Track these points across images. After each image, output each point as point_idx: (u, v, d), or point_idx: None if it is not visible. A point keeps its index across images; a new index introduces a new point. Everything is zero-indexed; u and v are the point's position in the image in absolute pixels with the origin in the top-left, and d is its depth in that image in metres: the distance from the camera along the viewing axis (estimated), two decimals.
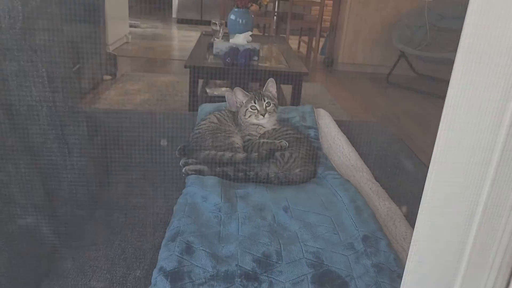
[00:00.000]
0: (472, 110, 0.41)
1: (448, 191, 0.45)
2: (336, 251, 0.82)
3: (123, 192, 1.07)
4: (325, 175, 1.13)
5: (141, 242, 0.89)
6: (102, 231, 0.92)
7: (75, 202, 0.91)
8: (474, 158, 0.42)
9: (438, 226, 0.46)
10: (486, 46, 0.38)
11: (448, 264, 0.47)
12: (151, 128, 1.48)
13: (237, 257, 0.79)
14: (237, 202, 0.97)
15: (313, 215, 0.93)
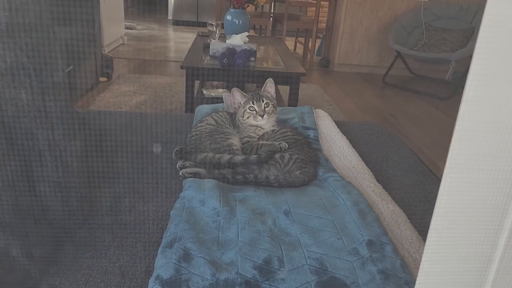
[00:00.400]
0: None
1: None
2: (340, 257, 0.79)
3: (118, 196, 1.04)
4: (326, 177, 1.10)
5: (136, 248, 0.86)
6: (95, 238, 0.89)
7: (67, 207, 0.88)
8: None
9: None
10: None
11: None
12: (147, 130, 1.44)
13: (237, 264, 0.76)
14: (236, 206, 0.94)
15: (315, 219, 0.90)
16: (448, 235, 0.41)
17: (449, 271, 0.42)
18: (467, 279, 0.42)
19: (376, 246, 0.80)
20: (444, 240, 0.42)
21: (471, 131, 0.37)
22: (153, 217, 0.96)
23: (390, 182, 1.19)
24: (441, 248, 0.42)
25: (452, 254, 0.42)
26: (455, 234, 0.41)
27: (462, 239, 0.41)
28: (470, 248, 0.41)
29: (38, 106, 0.75)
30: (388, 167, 1.29)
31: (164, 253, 0.78)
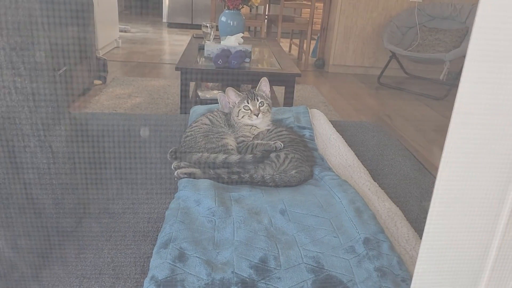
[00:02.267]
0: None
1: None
2: (336, 255, 0.78)
3: (112, 197, 1.03)
4: (322, 176, 1.09)
5: (131, 249, 0.85)
6: (90, 239, 0.88)
7: (60, 208, 0.87)
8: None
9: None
10: None
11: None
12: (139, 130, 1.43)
13: (233, 264, 0.75)
14: (232, 205, 0.93)
15: (311, 218, 0.89)
16: (445, 224, 0.40)
17: (446, 260, 0.42)
18: (464, 268, 0.42)
19: (372, 244, 0.80)
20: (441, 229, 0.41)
21: (468, 114, 0.36)
22: (148, 217, 0.95)
23: (386, 181, 1.18)
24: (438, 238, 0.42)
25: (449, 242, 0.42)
26: (452, 223, 0.40)
27: (459, 227, 0.41)
28: (468, 237, 0.41)
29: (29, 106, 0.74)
30: (383, 165, 1.28)
31: (159, 254, 0.77)
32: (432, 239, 0.42)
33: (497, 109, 0.36)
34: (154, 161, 1.23)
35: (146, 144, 1.34)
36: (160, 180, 1.12)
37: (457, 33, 4.23)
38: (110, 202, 1.01)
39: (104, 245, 0.86)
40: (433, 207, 0.40)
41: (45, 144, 0.77)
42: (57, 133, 0.79)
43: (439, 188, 0.41)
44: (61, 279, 0.77)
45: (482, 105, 0.36)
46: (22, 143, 0.73)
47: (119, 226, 0.92)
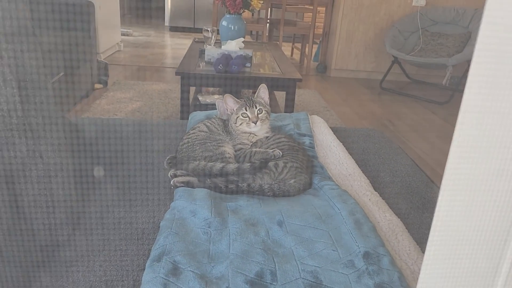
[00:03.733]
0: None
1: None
2: (335, 270, 0.76)
3: (106, 207, 1.01)
4: (321, 185, 1.07)
5: (124, 262, 0.82)
6: (81, 251, 0.85)
7: (52, 219, 0.84)
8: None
9: None
10: None
11: None
12: (139, 138, 1.41)
13: (227, 279, 0.73)
14: (228, 216, 0.91)
15: (310, 230, 0.87)
16: (450, 237, 0.38)
17: (452, 275, 0.39)
18: (474, 283, 0.39)
19: (372, 258, 0.77)
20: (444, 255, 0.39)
21: (470, 146, 0.34)
22: (142, 228, 0.93)
23: (387, 190, 1.16)
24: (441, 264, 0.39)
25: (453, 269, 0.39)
26: (458, 235, 0.38)
27: (466, 239, 0.38)
28: (476, 250, 0.38)
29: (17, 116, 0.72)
30: (385, 174, 1.26)
31: (152, 267, 0.75)
32: (436, 253, 0.40)
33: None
34: (150, 168, 1.20)
35: (142, 152, 1.32)
36: (156, 189, 1.10)
37: (460, 38, 4.20)
38: (104, 212, 0.98)
39: (97, 257, 0.83)
40: (437, 217, 0.38)
41: (36, 154, 0.75)
42: (49, 142, 0.77)
43: (443, 200, 0.38)
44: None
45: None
46: (11, 152, 0.71)
47: (113, 236, 0.90)
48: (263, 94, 1.22)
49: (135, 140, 1.39)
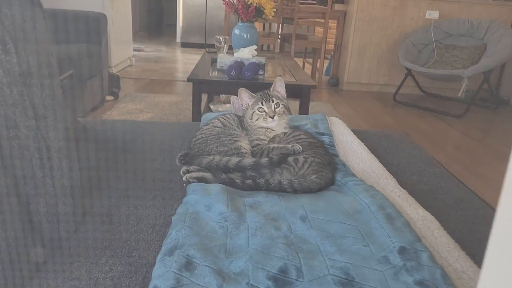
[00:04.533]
0: None
1: None
2: (368, 266, 0.67)
3: (114, 202, 0.94)
4: (345, 181, 0.99)
5: (132, 258, 0.75)
6: (86, 246, 0.78)
7: (55, 211, 0.78)
8: None
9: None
10: None
11: None
12: (149, 138, 1.35)
13: (247, 274, 0.65)
14: (246, 211, 0.83)
15: (336, 225, 0.78)
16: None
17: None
18: None
19: (410, 254, 0.69)
20: None
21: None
22: (153, 224, 0.86)
23: (415, 189, 1.07)
24: None
25: None
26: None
27: None
28: None
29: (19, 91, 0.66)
30: (411, 174, 1.18)
31: (163, 261, 0.67)
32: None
33: None
34: (161, 166, 1.14)
35: (153, 150, 1.26)
36: (167, 186, 1.03)
37: (475, 50, 4.13)
38: (112, 207, 0.92)
39: (102, 253, 0.76)
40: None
41: (38, 136, 0.69)
42: (52, 125, 0.71)
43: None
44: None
45: None
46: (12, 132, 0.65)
47: (120, 232, 0.82)
48: (280, 87, 1.16)
49: (145, 138, 1.33)
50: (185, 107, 3.56)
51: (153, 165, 1.14)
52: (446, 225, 0.88)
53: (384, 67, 4.71)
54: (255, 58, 2.50)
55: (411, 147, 1.38)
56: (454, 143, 3.29)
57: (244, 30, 2.71)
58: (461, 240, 0.83)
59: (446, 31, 4.41)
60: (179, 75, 4.95)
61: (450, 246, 0.76)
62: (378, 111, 4.04)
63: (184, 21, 7.12)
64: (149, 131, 1.40)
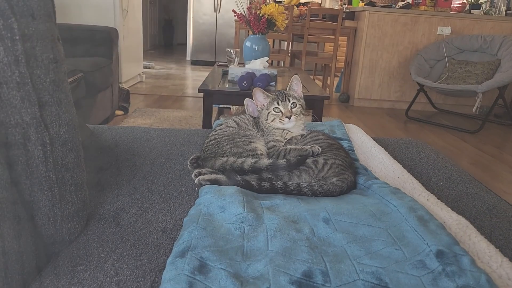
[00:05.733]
0: None
1: None
2: (402, 271, 0.60)
3: (121, 205, 0.88)
4: (369, 185, 0.92)
5: (140, 261, 0.69)
6: (91, 248, 0.72)
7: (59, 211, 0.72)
8: None
9: None
10: None
11: None
12: (159, 143, 1.30)
13: (268, 278, 0.58)
14: (264, 213, 0.77)
15: (363, 227, 0.72)
16: None
17: None
18: None
19: (448, 258, 0.61)
20: None
21: None
22: (163, 227, 0.80)
23: (443, 194, 1.00)
24: None
25: None
26: None
27: None
28: None
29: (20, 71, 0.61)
30: (437, 179, 1.10)
31: (174, 264, 0.61)
32: None
33: None
34: (171, 170, 1.08)
35: (163, 154, 1.20)
36: (178, 189, 0.97)
37: (489, 65, 4.07)
38: (119, 210, 0.86)
39: (108, 256, 0.70)
40: None
41: (41, 125, 0.64)
42: (56, 114, 0.66)
43: None
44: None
45: None
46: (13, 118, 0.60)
47: (128, 235, 0.76)
48: (296, 86, 1.10)
49: (155, 144, 1.28)
50: (195, 122, 3.52)
51: (163, 169, 1.09)
52: (482, 231, 0.81)
53: (396, 83, 4.66)
54: (266, 69, 2.46)
55: (434, 154, 1.31)
56: (470, 159, 3.20)
57: (255, 42, 2.69)
58: (500, 247, 0.76)
59: (459, 46, 4.37)
60: (188, 91, 4.95)
61: (492, 252, 0.68)
62: (391, 126, 3.97)
63: (194, 39, 7.19)
64: (159, 137, 1.35)
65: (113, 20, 4.09)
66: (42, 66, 0.61)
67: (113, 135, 1.34)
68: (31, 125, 0.62)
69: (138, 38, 4.90)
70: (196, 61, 7.23)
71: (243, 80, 2.24)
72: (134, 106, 3.97)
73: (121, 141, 1.29)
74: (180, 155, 1.20)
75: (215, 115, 2.89)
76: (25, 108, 0.60)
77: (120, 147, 1.23)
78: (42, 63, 0.61)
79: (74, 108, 0.71)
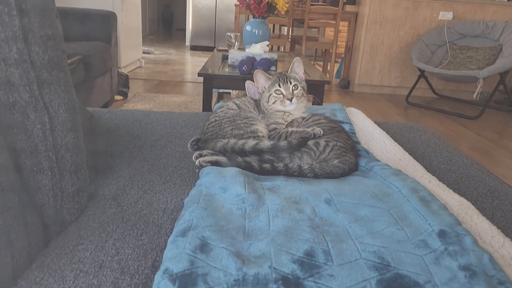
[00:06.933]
0: None
1: None
2: (404, 250, 0.60)
3: (122, 186, 0.87)
4: (370, 167, 0.92)
5: (141, 241, 0.68)
6: (92, 228, 0.72)
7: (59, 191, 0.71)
8: None
9: None
10: None
11: None
12: (160, 125, 1.29)
13: (270, 257, 0.58)
14: (265, 194, 0.77)
15: (365, 208, 0.71)
16: None
17: None
18: None
19: (451, 238, 0.61)
20: None
21: None
22: (163, 207, 0.79)
23: (445, 177, 1.00)
24: None
25: None
26: None
27: None
28: None
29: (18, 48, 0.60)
30: (438, 162, 1.10)
31: (175, 243, 0.60)
32: None
33: None
34: (171, 153, 1.08)
35: (163, 137, 1.19)
36: (178, 171, 0.96)
37: (491, 50, 4.04)
38: (119, 191, 0.85)
39: (109, 235, 0.69)
40: None
41: (40, 104, 0.63)
42: (55, 93, 0.65)
43: None
44: (51, 273, 0.61)
45: None
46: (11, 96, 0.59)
47: (128, 216, 0.76)
48: (298, 68, 1.09)
49: (155, 126, 1.27)
50: (194, 107, 3.51)
51: (163, 151, 1.08)
52: (483, 213, 0.80)
53: (396, 69, 4.63)
54: (267, 54, 2.44)
55: (435, 138, 1.31)
56: (469, 144, 3.20)
57: (256, 26, 2.66)
58: (502, 227, 0.76)
59: (460, 32, 4.33)
60: (188, 77, 4.91)
61: (494, 232, 0.68)
62: (391, 112, 3.95)
63: (194, 25, 7.12)
64: (159, 120, 1.34)
65: (112, 4, 4.04)
66: (40, 43, 0.60)
67: (112, 118, 1.33)
68: (30, 104, 0.61)
69: (137, 23, 4.85)
70: (196, 47, 7.17)
71: (243, 64, 2.22)
72: (134, 91, 3.95)
73: (121, 123, 1.28)
74: (180, 137, 1.19)
75: (215, 100, 2.87)
76: (23, 86, 0.59)
77: (120, 130, 1.22)
78: (40, 39, 0.60)
79: (73, 88, 0.70)
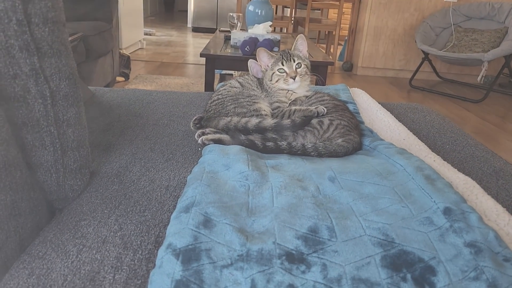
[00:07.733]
0: None
1: None
2: (409, 227, 0.60)
3: (124, 164, 0.87)
4: (374, 146, 0.91)
5: (144, 217, 0.68)
6: (94, 204, 0.71)
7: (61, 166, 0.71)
8: None
9: None
10: None
11: None
12: (161, 104, 1.28)
13: (274, 233, 0.58)
14: (269, 172, 0.76)
15: (369, 186, 0.71)
16: None
17: None
18: None
19: (456, 215, 0.61)
20: None
21: None
22: (166, 185, 0.79)
23: (450, 157, 0.99)
24: None
25: None
26: None
27: None
28: None
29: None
30: (443, 143, 1.09)
31: (178, 219, 0.60)
32: None
33: None
34: (174, 131, 1.07)
35: (166, 115, 1.19)
36: (181, 149, 0.96)
37: (496, 33, 3.98)
38: (122, 168, 0.85)
39: (112, 212, 0.69)
40: None
41: (41, 77, 0.62)
42: (56, 66, 0.64)
43: None
44: (54, 247, 0.60)
45: None
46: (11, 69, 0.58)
47: (131, 193, 0.76)
48: (301, 46, 1.07)
49: (157, 105, 1.26)
50: (196, 88, 3.49)
51: (165, 129, 1.07)
52: (488, 192, 0.80)
53: (400, 51, 4.58)
54: (270, 34, 2.41)
55: (440, 119, 1.30)
56: (473, 128, 3.18)
57: (258, 6, 2.62)
58: (507, 207, 0.75)
59: (466, 14, 4.26)
60: (190, 58, 4.87)
61: (499, 210, 0.68)
62: (394, 95, 3.92)
63: (196, 6, 7.03)
64: (162, 99, 1.33)
65: None
66: (40, 14, 0.59)
67: (114, 97, 1.32)
68: (31, 77, 0.60)
69: (138, 4, 4.79)
70: (198, 28, 7.10)
71: (246, 45, 2.20)
72: (135, 72, 3.92)
73: (122, 102, 1.27)
74: (183, 116, 1.19)
75: (217, 82, 2.85)
76: (23, 58, 0.58)
77: (121, 108, 1.21)
78: (40, 10, 0.59)
79: (74, 62, 0.69)
